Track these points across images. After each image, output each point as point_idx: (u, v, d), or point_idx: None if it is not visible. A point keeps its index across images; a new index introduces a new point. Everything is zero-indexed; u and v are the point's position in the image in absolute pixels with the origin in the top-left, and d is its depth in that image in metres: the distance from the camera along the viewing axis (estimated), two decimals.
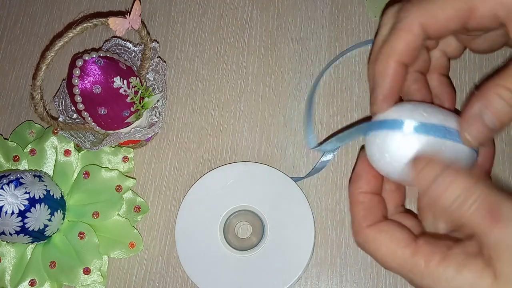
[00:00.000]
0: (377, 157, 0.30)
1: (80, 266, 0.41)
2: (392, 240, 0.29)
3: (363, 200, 0.31)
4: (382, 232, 0.30)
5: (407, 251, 0.28)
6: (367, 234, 0.30)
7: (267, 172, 0.43)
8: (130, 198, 0.44)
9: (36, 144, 0.45)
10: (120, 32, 0.39)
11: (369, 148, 0.31)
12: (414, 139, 0.29)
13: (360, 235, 0.30)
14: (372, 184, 0.32)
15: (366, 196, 0.32)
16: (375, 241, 0.30)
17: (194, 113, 0.47)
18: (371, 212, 0.31)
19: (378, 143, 0.30)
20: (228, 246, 0.41)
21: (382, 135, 0.30)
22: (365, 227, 0.30)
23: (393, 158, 0.29)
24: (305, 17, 0.49)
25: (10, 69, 0.51)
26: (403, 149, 0.29)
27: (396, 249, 0.28)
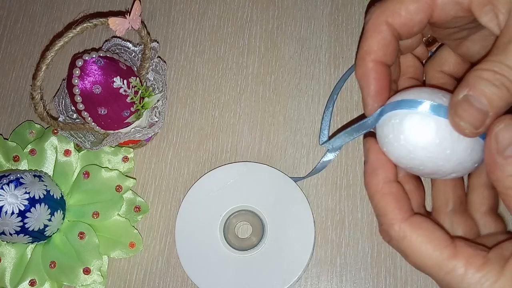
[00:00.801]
0: (391, 139, 0.29)
1: (80, 266, 0.41)
2: (431, 238, 0.27)
3: (391, 190, 0.29)
4: (420, 228, 0.28)
5: (446, 251, 0.27)
6: (404, 229, 0.28)
7: (267, 172, 0.43)
8: (130, 198, 0.44)
9: (36, 144, 0.45)
10: (120, 32, 0.39)
11: (382, 131, 0.29)
12: (432, 121, 0.28)
13: (395, 230, 0.28)
14: (394, 173, 0.30)
15: (392, 185, 0.29)
16: (412, 237, 0.27)
17: (194, 113, 0.47)
18: (403, 203, 0.29)
19: (393, 123, 0.28)
20: (228, 246, 0.41)
21: (399, 116, 0.28)
22: (401, 221, 0.28)
23: (408, 141, 0.28)
24: (305, 17, 0.49)
25: (10, 69, 0.51)
26: (421, 131, 0.28)
27: (435, 249, 0.27)
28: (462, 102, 0.26)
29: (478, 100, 0.26)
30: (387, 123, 0.29)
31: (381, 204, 0.29)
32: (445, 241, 0.27)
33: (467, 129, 0.27)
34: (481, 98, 0.26)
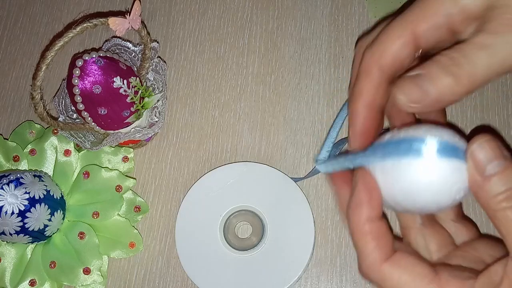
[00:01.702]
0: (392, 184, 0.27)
1: (80, 266, 0.41)
2: (414, 276, 0.26)
3: (371, 229, 0.27)
4: (401, 267, 0.27)
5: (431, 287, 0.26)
6: (385, 271, 0.27)
7: (267, 172, 0.43)
8: (130, 198, 0.44)
9: (36, 144, 0.45)
10: (120, 32, 0.39)
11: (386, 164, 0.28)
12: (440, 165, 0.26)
13: (376, 272, 0.27)
14: (379, 210, 0.28)
15: (374, 224, 0.28)
16: (393, 278, 0.27)
17: (194, 113, 0.47)
18: (383, 243, 0.27)
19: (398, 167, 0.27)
20: (228, 246, 0.41)
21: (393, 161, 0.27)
22: (381, 263, 0.27)
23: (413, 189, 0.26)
24: (305, 17, 0.49)
25: (10, 69, 0.51)
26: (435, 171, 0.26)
27: (420, 286, 0.26)
28: (409, 79, 0.27)
29: (423, 80, 0.26)
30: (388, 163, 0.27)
31: (361, 243, 0.27)
32: (428, 276, 0.26)
33: (401, 101, 0.27)
34: (426, 79, 0.26)
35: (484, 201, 0.25)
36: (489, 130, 0.44)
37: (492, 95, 0.44)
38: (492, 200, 0.25)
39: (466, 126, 0.44)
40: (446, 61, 0.26)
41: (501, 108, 0.44)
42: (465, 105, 0.44)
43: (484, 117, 0.44)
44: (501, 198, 0.25)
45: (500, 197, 0.25)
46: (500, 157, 0.25)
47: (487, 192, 0.25)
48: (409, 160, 0.26)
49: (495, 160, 0.25)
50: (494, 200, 0.25)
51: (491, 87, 0.45)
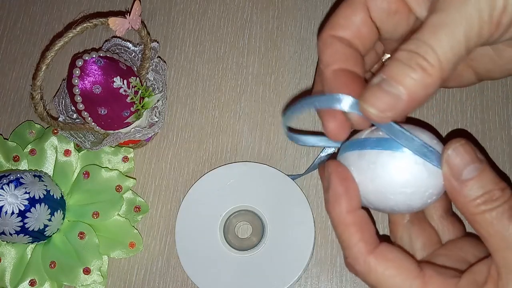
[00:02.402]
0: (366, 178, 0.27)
1: (80, 266, 0.41)
2: (399, 270, 0.26)
3: (354, 220, 0.27)
4: (388, 260, 0.27)
5: (415, 283, 0.26)
6: (370, 263, 0.26)
7: (267, 172, 0.43)
8: (130, 198, 0.44)
9: (36, 144, 0.45)
10: (120, 32, 0.39)
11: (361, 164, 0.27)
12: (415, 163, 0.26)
13: (362, 264, 0.27)
14: (358, 200, 0.28)
15: (355, 215, 0.27)
16: (379, 271, 0.26)
17: (194, 113, 0.47)
18: (368, 234, 0.27)
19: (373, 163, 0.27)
20: (228, 246, 0.41)
21: (380, 156, 0.27)
22: (367, 254, 0.27)
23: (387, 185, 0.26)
24: (305, 17, 0.49)
25: (10, 69, 0.51)
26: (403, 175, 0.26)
27: (405, 281, 0.26)
28: (373, 87, 0.25)
29: (389, 84, 0.24)
30: (363, 159, 0.27)
31: (345, 236, 0.27)
32: (414, 272, 0.26)
33: (373, 114, 0.25)
34: (391, 82, 0.24)
35: (462, 205, 0.25)
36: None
37: (492, 95, 0.44)
38: (470, 204, 0.25)
39: (466, 126, 0.44)
40: (406, 55, 0.24)
41: (501, 108, 0.44)
42: (465, 105, 0.44)
43: (484, 117, 0.44)
44: (479, 201, 0.25)
45: (479, 200, 0.25)
46: (475, 161, 0.25)
47: (465, 197, 0.25)
48: (386, 160, 0.26)
49: (471, 164, 0.25)
50: (472, 204, 0.25)
51: (491, 87, 0.45)
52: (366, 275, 0.27)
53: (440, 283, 0.26)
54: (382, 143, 0.27)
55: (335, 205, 0.27)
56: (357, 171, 0.27)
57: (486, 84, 0.45)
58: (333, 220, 0.28)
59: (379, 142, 0.27)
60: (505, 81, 0.45)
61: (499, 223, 0.25)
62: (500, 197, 0.25)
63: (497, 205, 0.25)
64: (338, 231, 0.27)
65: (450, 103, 0.45)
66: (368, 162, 0.27)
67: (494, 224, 0.25)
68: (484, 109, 0.44)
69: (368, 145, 0.27)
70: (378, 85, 0.25)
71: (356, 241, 0.27)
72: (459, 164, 0.25)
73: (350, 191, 0.27)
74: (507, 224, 0.24)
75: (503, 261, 0.25)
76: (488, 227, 0.25)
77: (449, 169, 0.25)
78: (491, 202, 0.25)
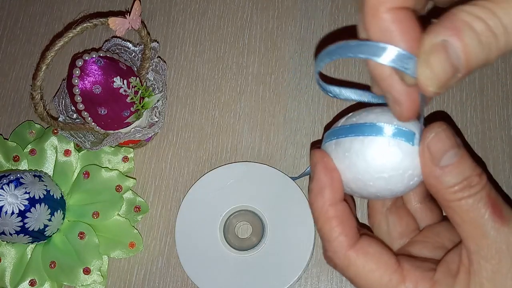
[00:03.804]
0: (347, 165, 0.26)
1: (80, 266, 0.41)
2: (379, 264, 0.26)
3: (336, 214, 0.27)
4: (367, 254, 0.27)
5: (394, 277, 0.26)
6: (350, 257, 0.26)
7: (267, 172, 0.43)
8: (130, 198, 0.44)
9: (36, 144, 0.45)
10: (120, 32, 0.39)
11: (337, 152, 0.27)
12: (398, 148, 0.25)
13: (341, 259, 0.27)
14: (341, 192, 0.27)
15: (338, 208, 0.27)
16: (358, 265, 0.26)
17: (194, 113, 0.47)
18: (348, 228, 0.27)
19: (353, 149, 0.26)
20: (228, 246, 0.41)
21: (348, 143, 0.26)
22: (346, 248, 0.27)
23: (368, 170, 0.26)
24: (305, 17, 0.49)
25: (10, 69, 0.51)
26: (384, 160, 0.25)
27: (383, 275, 0.26)
28: (440, 48, 0.21)
29: (456, 53, 0.21)
30: (338, 147, 0.27)
31: (326, 228, 0.27)
32: (392, 266, 0.26)
33: (431, 85, 0.21)
34: (460, 52, 0.21)
35: (438, 191, 0.25)
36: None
37: (492, 95, 0.44)
38: (447, 190, 0.24)
39: (466, 126, 0.44)
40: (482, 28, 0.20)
41: (501, 108, 0.44)
42: (465, 105, 0.44)
43: (484, 117, 0.44)
44: (457, 188, 0.24)
45: (456, 187, 0.24)
46: (454, 147, 0.25)
47: (442, 183, 0.25)
48: (359, 147, 0.26)
49: (450, 150, 0.24)
50: (449, 190, 0.24)
51: (491, 87, 0.45)
52: (345, 269, 0.27)
53: (417, 276, 0.26)
54: (354, 129, 0.26)
55: (318, 196, 0.27)
56: (336, 160, 0.27)
57: (486, 84, 0.45)
58: (315, 211, 0.27)
59: (351, 129, 0.26)
60: (505, 81, 0.45)
61: (475, 210, 0.24)
62: (477, 184, 0.24)
63: (474, 192, 0.24)
64: (319, 223, 0.27)
65: (450, 103, 0.45)
66: (344, 150, 0.26)
67: (470, 211, 0.24)
68: (484, 109, 0.44)
69: (343, 133, 0.27)
70: (443, 48, 0.21)
71: (336, 235, 0.27)
72: (440, 149, 0.24)
73: (335, 182, 0.27)
74: (483, 212, 0.24)
75: (475, 247, 0.25)
76: (463, 214, 0.25)
77: (428, 154, 0.25)
78: (469, 189, 0.24)
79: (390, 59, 0.22)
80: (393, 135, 0.25)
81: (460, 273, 0.25)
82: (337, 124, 0.28)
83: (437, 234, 0.30)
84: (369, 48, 0.22)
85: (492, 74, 0.45)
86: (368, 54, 0.22)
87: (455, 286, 0.25)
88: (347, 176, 0.27)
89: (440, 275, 0.26)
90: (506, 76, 0.45)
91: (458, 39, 0.20)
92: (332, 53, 0.24)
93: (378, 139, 0.26)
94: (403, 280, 0.26)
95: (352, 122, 0.27)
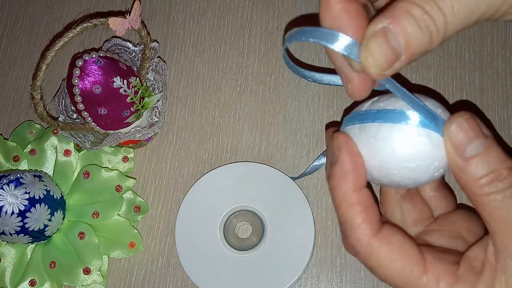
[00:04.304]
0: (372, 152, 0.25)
1: (80, 266, 0.41)
2: (402, 255, 0.26)
3: (360, 200, 0.26)
4: (391, 244, 0.26)
5: (416, 269, 0.25)
6: (373, 246, 0.26)
7: (267, 172, 0.43)
8: (130, 198, 0.44)
9: (36, 144, 0.45)
10: (120, 32, 0.39)
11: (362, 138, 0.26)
12: (425, 137, 0.25)
13: (364, 246, 0.26)
14: (365, 178, 0.26)
15: (362, 194, 0.26)
16: (380, 254, 0.26)
17: (194, 113, 0.47)
18: (372, 215, 0.26)
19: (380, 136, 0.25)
20: (228, 246, 0.41)
21: (375, 129, 0.25)
22: (369, 237, 0.26)
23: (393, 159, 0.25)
24: (305, 17, 0.49)
25: (10, 69, 0.51)
26: (411, 149, 0.24)
27: (405, 266, 0.25)
28: (379, 34, 0.23)
29: (395, 37, 0.22)
30: (363, 132, 0.26)
31: (349, 215, 0.26)
32: (415, 257, 0.25)
33: (373, 68, 0.23)
34: (399, 36, 0.22)
35: (466, 184, 0.24)
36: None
37: (492, 95, 0.44)
38: (474, 184, 0.24)
39: None
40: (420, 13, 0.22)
41: (501, 108, 0.44)
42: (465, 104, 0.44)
43: (484, 117, 0.44)
44: (484, 181, 0.23)
45: (483, 180, 0.23)
46: (480, 136, 0.24)
47: (468, 175, 0.24)
48: (387, 133, 0.25)
49: (476, 139, 0.24)
50: (476, 184, 0.24)
51: (491, 87, 0.45)
52: (366, 257, 0.26)
53: (440, 270, 0.25)
54: (383, 115, 0.25)
55: (342, 181, 0.26)
56: (359, 145, 0.26)
57: (486, 84, 0.45)
58: (337, 197, 0.26)
59: (379, 114, 0.25)
60: (505, 81, 0.45)
61: (504, 208, 0.23)
62: (506, 178, 0.23)
63: (503, 187, 0.23)
64: (341, 209, 0.26)
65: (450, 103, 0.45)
66: (369, 136, 0.26)
67: (499, 208, 0.23)
68: (484, 109, 0.44)
69: (369, 118, 0.26)
70: (383, 33, 0.23)
71: (360, 221, 0.26)
72: (463, 140, 0.24)
73: (359, 168, 0.26)
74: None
75: (503, 245, 0.24)
76: (492, 211, 0.24)
77: (452, 145, 0.24)
78: (497, 183, 0.23)
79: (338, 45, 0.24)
80: (422, 124, 0.25)
81: (485, 271, 0.25)
82: (361, 108, 0.27)
83: (453, 223, 0.30)
84: (320, 34, 0.24)
85: (492, 74, 0.45)
86: (319, 39, 0.24)
87: (479, 283, 0.24)
88: (371, 162, 0.26)
89: (464, 270, 0.25)
90: (506, 76, 0.45)
91: (397, 24, 0.22)
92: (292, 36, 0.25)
93: (407, 127, 0.25)
94: (425, 272, 0.25)
95: (379, 107, 0.26)
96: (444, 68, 0.46)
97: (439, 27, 0.22)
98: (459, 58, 0.46)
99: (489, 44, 0.46)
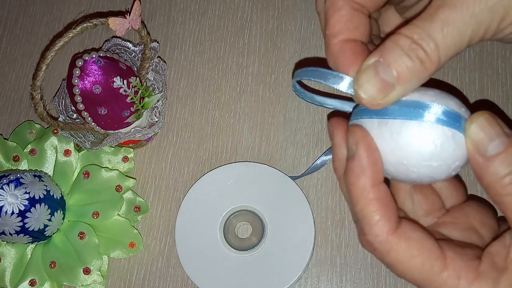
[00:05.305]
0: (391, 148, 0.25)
1: (80, 266, 0.41)
2: (421, 251, 0.25)
3: (378, 196, 0.25)
4: (410, 240, 0.25)
5: (436, 265, 0.25)
6: (392, 242, 0.25)
7: (267, 172, 0.43)
8: (130, 198, 0.44)
9: (36, 144, 0.45)
10: (120, 32, 0.39)
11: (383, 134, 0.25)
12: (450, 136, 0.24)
13: (383, 243, 0.25)
14: (381, 174, 0.26)
15: (380, 190, 0.25)
16: (399, 251, 0.25)
17: (194, 113, 0.47)
18: (390, 212, 0.25)
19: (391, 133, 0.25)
20: (228, 246, 0.41)
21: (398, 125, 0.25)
22: (388, 233, 0.25)
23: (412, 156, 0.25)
24: (305, 17, 0.49)
25: (10, 69, 0.51)
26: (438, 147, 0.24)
27: (426, 262, 0.25)
28: (369, 68, 0.24)
29: (385, 70, 0.24)
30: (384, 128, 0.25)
31: (367, 211, 0.25)
32: (435, 253, 0.25)
33: (364, 100, 0.24)
34: (389, 68, 0.23)
35: (488, 184, 0.24)
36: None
37: (492, 95, 0.44)
38: (497, 183, 0.23)
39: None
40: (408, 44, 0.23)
41: (501, 108, 0.44)
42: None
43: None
44: (507, 181, 0.23)
45: (507, 179, 0.23)
46: (501, 135, 0.23)
47: (491, 175, 0.23)
48: (411, 131, 0.24)
49: (497, 138, 0.23)
50: (499, 183, 0.23)
51: (491, 87, 0.45)
52: (385, 254, 0.26)
53: (460, 266, 0.25)
54: (407, 113, 0.25)
55: (360, 177, 0.25)
56: (377, 140, 0.26)
57: (486, 84, 0.45)
58: (354, 193, 0.26)
59: (403, 111, 0.25)
60: (505, 81, 0.45)
61: None
62: None
63: None
64: (359, 205, 0.26)
65: None
66: (391, 132, 0.25)
67: None
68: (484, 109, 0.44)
69: (391, 113, 0.25)
70: (373, 67, 0.24)
71: (378, 218, 0.25)
72: (483, 138, 0.23)
73: (377, 163, 0.25)
74: None
75: None
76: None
77: (473, 144, 0.24)
78: None
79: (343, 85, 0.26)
80: (448, 123, 0.24)
81: (509, 268, 0.24)
82: None
83: (466, 215, 0.29)
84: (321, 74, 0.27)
85: (492, 74, 0.45)
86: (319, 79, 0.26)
87: (501, 280, 0.24)
88: (389, 158, 0.25)
89: (485, 266, 0.25)
90: (506, 76, 0.45)
91: (385, 57, 0.24)
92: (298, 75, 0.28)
93: (434, 126, 0.24)
94: (445, 268, 0.25)
95: (402, 104, 0.25)
96: (444, 68, 0.46)
97: (429, 54, 0.24)
98: (459, 58, 0.46)
99: (489, 44, 0.46)
